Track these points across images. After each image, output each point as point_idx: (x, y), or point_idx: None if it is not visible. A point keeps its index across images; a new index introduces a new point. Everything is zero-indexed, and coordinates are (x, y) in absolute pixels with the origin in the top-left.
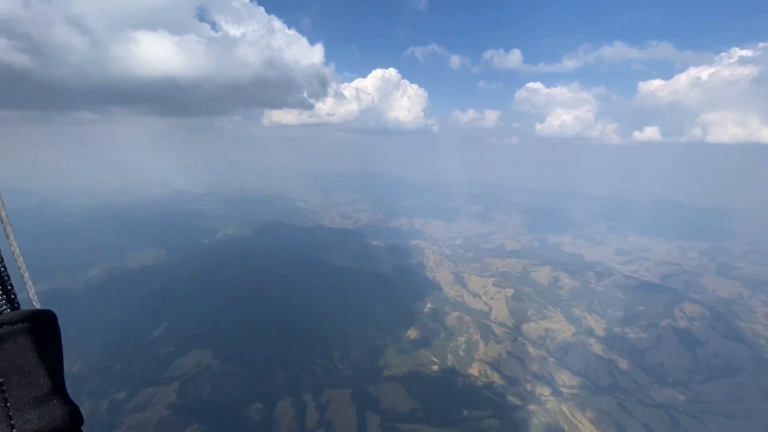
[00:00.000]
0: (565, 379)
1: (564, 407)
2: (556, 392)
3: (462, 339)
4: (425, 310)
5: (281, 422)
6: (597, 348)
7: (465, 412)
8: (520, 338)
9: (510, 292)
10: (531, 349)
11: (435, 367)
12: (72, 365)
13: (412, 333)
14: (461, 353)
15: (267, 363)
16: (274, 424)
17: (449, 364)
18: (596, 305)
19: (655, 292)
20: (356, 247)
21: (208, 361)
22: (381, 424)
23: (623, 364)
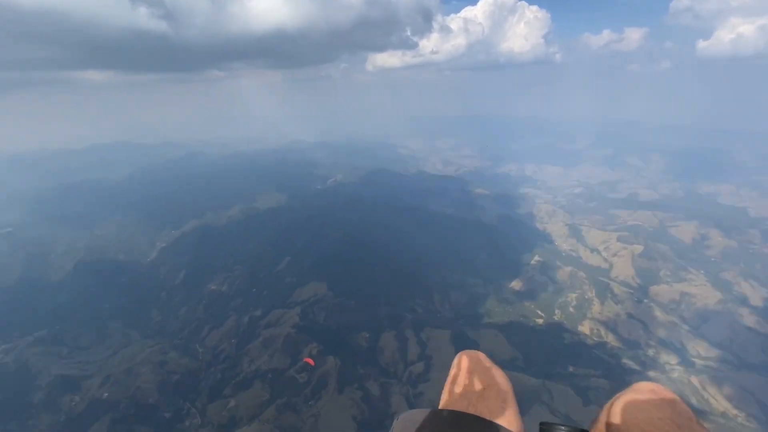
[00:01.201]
0: (701, 349)
1: (694, 379)
2: (685, 362)
3: (573, 295)
4: (532, 262)
5: (385, 351)
6: (750, 320)
7: (570, 368)
8: (645, 300)
9: (638, 249)
10: (658, 313)
11: (539, 321)
12: (221, 286)
13: (516, 284)
14: (571, 310)
15: (372, 299)
16: (379, 352)
17: (556, 318)
18: (757, 270)
19: None
20: (459, 195)
21: (323, 292)
22: None
23: None
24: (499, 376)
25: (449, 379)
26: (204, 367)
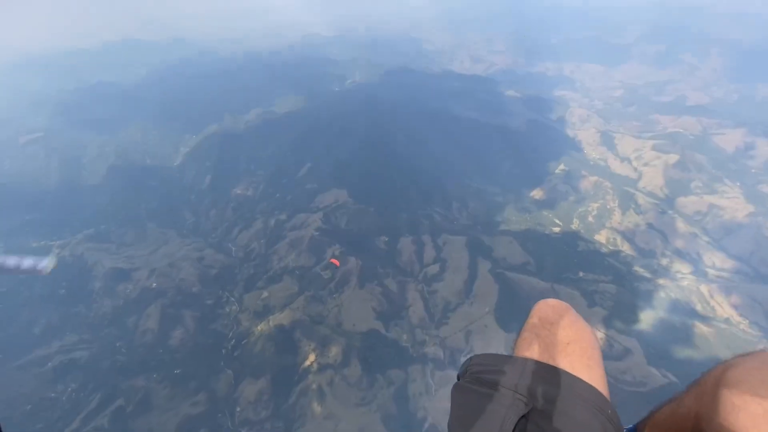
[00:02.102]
0: (717, 260)
1: (703, 287)
2: (698, 272)
3: (595, 205)
4: (557, 171)
5: (403, 254)
6: None
7: (580, 273)
8: (670, 212)
9: (674, 158)
10: (680, 225)
11: (556, 229)
12: (246, 191)
13: (536, 193)
14: (590, 219)
15: (391, 205)
16: (396, 254)
17: (573, 227)
18: None
19: None
20: (486, 97)
21: (344, 199)
22: (491, 269)
23: None
24: (587, 332)
25: (527, 326)
26: (238, 263)
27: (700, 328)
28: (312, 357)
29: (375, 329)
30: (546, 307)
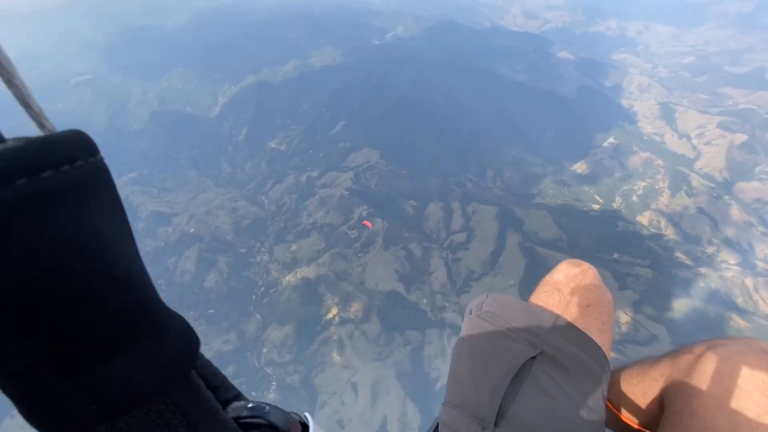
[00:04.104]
0: None
1: (749, 280)
2: (746, 264)
3: (642, 184)
4: (605, 144)
5: (430, 219)
6: None
7: (615, 255)
8: (726, 197)
9: (741, 138)
10: (735, 212)
11: (595, 206)
12: (280, 145)
13: (579, 167)
14: (634, 198)
15: (423, 169)
16: (424, 219)
17: (614, 206)
18: None
19: None
20: (536, 58)
21: (376, 159)
22: (520, 243)
23: None
24: (607, 299)
25: (549, 280)
26: (270, 216)
27: (737, 321)
28: (334, 310)
29: (396, 291)
30: (573, 267)
